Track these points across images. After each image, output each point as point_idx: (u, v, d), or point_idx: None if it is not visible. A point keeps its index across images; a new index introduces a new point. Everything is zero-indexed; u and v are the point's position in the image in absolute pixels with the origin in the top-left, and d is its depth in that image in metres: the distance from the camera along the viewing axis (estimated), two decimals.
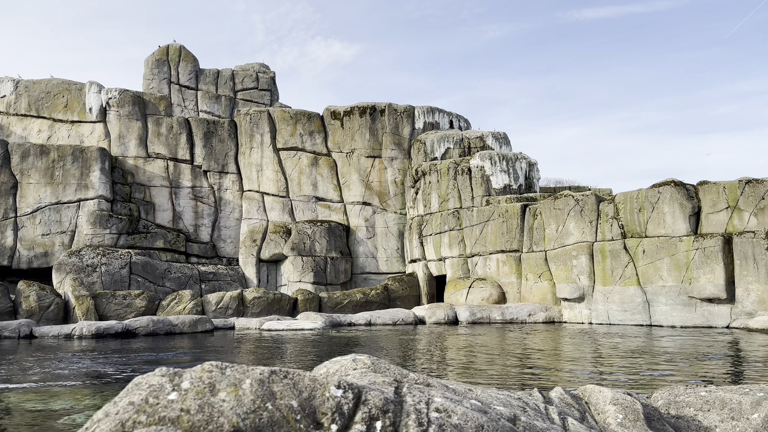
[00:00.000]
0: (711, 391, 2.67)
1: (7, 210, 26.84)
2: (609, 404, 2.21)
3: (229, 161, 29.49)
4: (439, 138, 25.63)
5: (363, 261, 27.37)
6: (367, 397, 1.21)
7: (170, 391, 1.15)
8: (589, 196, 18.42)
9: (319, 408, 1.15)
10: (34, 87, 31.45)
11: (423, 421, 1.19)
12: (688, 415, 2.45)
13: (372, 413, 1.18)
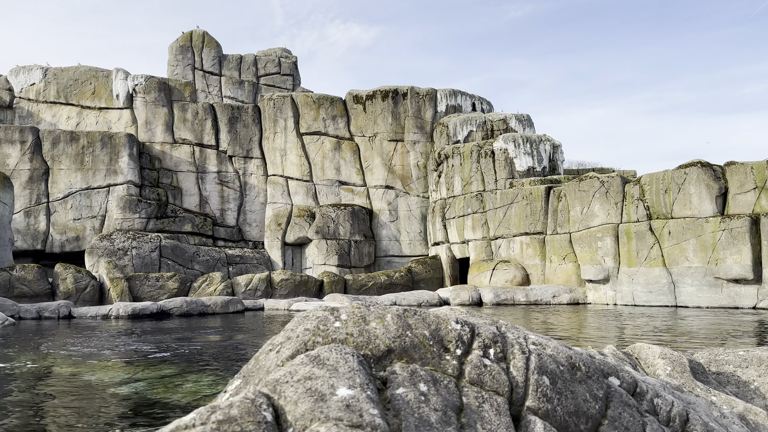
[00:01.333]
0: (748, 350, 2.90)
1: (39, 195, 27.56)
2: (658, 358, 2.45)
3: (254, 146, 29.85)
4: (461, 121, 25.67)
5: (386, 244, 27.66)
6: (480, 331, 1.49)
7: (334, 321, 1.42)
8: (615, 177, 18.42)
9: (445, 337, 1.43)
10: (62, 74, 32.01)
11: (525, 350, 1.47)
12: (728, 371, 2.68)
13: (485, 342, 1.46)
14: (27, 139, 27.93)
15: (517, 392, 1.45)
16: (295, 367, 1.23)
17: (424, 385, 1.30)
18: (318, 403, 1.12)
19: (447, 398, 1.30)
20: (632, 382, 1.75)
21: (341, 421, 1.08)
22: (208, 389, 6.10)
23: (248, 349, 9.35)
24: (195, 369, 7.40)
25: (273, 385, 1.18)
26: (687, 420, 1.81)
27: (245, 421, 1.05)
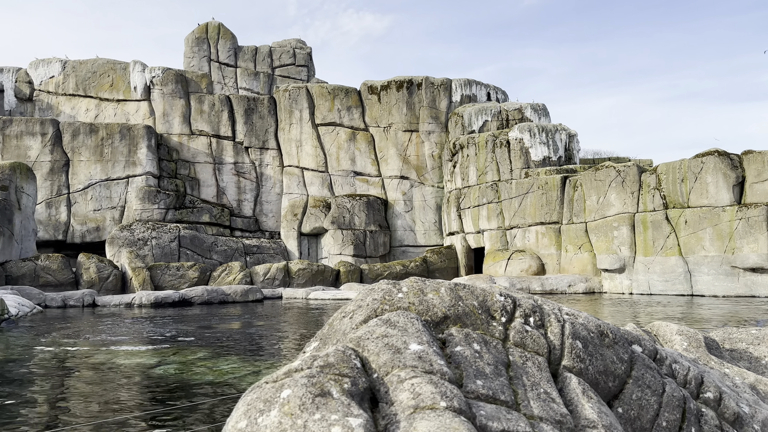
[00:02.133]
0: (760, 329, 3.08)
1: (60, 187, 28.07)
2: (675, 335, 2.65)
3: (270, 137, 30.10)
4: (476, 111, 25.72)
5: (401, 234, 27.86)
6: (521, 303, 1.71)
7: (397, 292, 1.64)
8: (631, 167, 18.44)
9: (491, 307, 1.64)
10: (80, 67, 32.40)
11: (560, 319, 1.69)
12: (741, 348, 2.88)
13: (526, 312, 1.68)
14: (47, 132, 28.39)
15: (555, 353, 1.67)
16: (372, 328, 1.45)
17: (477, 345, 1.52)
18: (395, 354, 1.34)
19: (497, 356, 1.52)
20: (653, 349, 1.96)
21: (416, 368, 1.30)
22: (238, 371, 6.38)
23: (269, 335, 9.64)
24: (222, 353, 7.68)
25: (357, 342, 1.40)
26: (702, 383, 2.01)
27: (341, 366, 1.27)
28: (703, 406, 1.91)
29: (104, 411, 4.52)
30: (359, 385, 1.27)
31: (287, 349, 8.17)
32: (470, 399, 1.29)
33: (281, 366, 6.86)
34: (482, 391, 1.37)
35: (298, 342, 8.70)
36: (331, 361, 1.29)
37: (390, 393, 1.28)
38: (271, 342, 8.83)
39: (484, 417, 1.26)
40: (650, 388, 1.76)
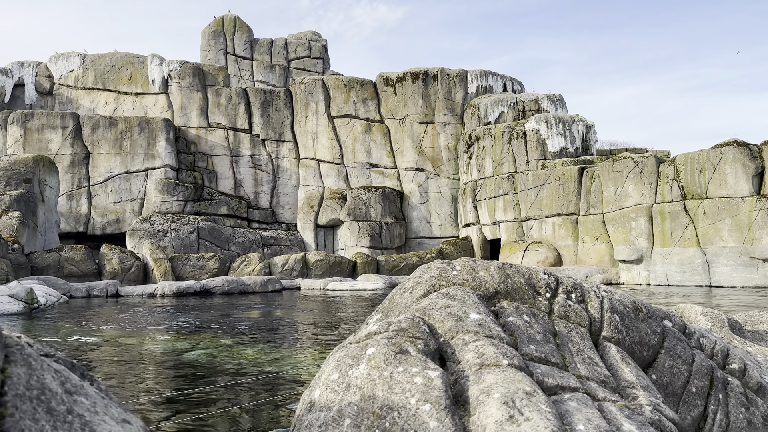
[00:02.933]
0: None
1: (81, 179, 28.52)
2: (700, 316, 2.80)
3: (286, 130, 30.32)
4: (492, 102, 25.71)
5: (417, 226, 27.99)
6: (563, 281, 1.88)
7: (451, 270, 1.81)
8: (649, 157, 18.40)
9: (537, 284, 1.81)
10: (99, 61, 32.76)
11: (599, 296, 1.85)
12: (763, 330, 3.03)
13: (568, 288, 1.84)
14: (68, 125, 28.79)
15: (595, 325, 1.84)
16: (434, 300, 1.62)
17: (526, 316, 1.69)
18: (458, 322, 1.51)
19: (544, 326, 1.69)
20: (682, 325, 2.11)
21: (478, 333, 1.46)
22: (265, 355, 6.61)
23: (293, 323, 9.87)
24: (248, 340, 7.92)
25: (422, 311, 1.57)
26: (727, 355, 2.16)
27: (413, 330, 1.44)
28: (728, 376, 2.06)
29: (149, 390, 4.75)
30: (430, 346, 1.44)
31: (313, 336, 8.38)
32: (525, 360, 1.45)
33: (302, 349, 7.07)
34: (535, 353, 1.54)
35: (323, 330, 8.92)
36: (404, 326, 1.46)
37: (456, 353, 1.45)
38: (295, 330, 9.06)
39: (540, 374, 1.42)
40: (681, 358, 1.92)
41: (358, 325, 9.39)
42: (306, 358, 6.39)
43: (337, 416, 1.25)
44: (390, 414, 1.21)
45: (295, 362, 6.14)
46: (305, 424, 1.29)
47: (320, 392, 1.35)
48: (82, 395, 0.86)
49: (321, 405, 1.30)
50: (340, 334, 8.28)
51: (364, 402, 1.24)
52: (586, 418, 1.27)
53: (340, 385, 1.32)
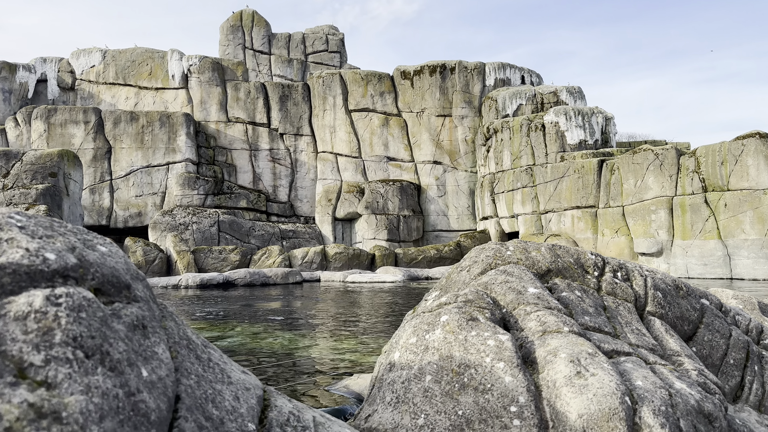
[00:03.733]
0: None
1: (103, 173, 28.98)
2: (731, 299, 2.92)
3: (304, 124, 30.51)
4: (510, 94, 25.66)
5: (434, 219, 28.07)
6: (609, 261, 2.02)
7: (505, 251, 1.96)
8: (669, 150, 18.31)
9: (585, 263, 1.95)
10: (120, 56, 33.16)
11: (642, 274, 1.99)
12: None
13: (614, 268, 1.98)
14: (90, 120, 29.22)
15: (640, 301, 1.97)
16: (494, 276, 1.77)
17: (578, 292, 1.82)
18: (518, 295, 1.65)
19: (595, 300, 1.82)
20: (719, 303, 2.23)
21: (537, 305, 1.61)
22: (295, 342, 6.80)
23: (316, 313, 10.07)
24: (276, 328, 8.13)
25: (484, 286, 1.71)
26: (762, 331, 2.28)
27: (479, 301, 1.59)
28: (763, 350, 2.18)
29: None
30: (496, 315, 1.58)
31: (342, 326, 8.56)
32: (582, 329, 1.59)
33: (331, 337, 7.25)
34: (590, 323, 1.67)
35: (349, 319, 9.10)
36: (471, 298, 1.60)
37: (519, 322, 1.59)
38: (322, 320, 9.25)
39: (597, 341, 1.56)
40: (719, 332, 2.04)
41: (384, 316, 9.55)
42: (338, 345, 6.57)
43: (418, 373, 1.40)
44: (467, 371, 1.36)
45: (328, 347, 6.32)
46: (387, 382, 1.44)
47: (400, 354, 1.50)
48: (211, 348, 1.00)
49: (402, 365, 1.45)
50: (367, 323, 8.45)
51: (442, 361, 1.39)
52: (642, 376, 1.40)
53: (418, 348, 1.47)
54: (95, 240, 1.02)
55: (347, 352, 6.02)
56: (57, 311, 0.78)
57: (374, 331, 7.64)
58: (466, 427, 1.25)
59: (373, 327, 8.04)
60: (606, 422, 1.21)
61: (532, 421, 1.26)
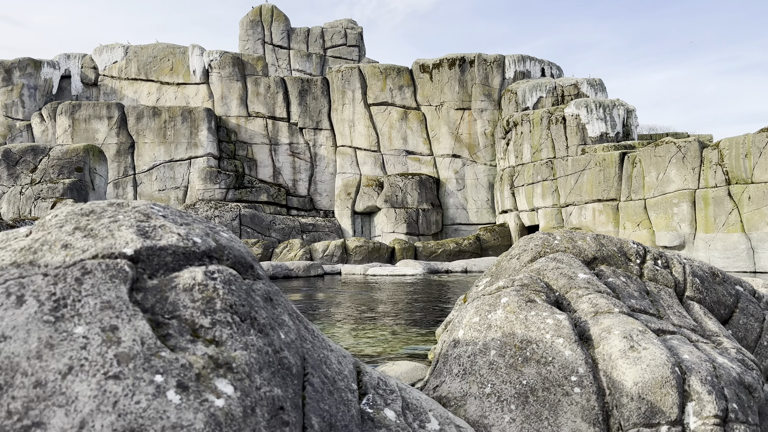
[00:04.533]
0: None
1: (126, 168, 29.48)
2: (761, 287, 3.05)
3: (323, 118, 30.69)
4: (531, 87, 25.57)
5: (453, 212, 28.12)
6: (649, 249, 2.16)
7: (552, 240, 2.10)
8: (692, 142, 18.17)
9: (627, 252, 2.08)
10: (141, 52, 33.58)
11: (681, 262, 2.12)
12: None
13: (654, 256, 2.12)
14: (113, 115, 29.69)
15: (679, 287, 2.09)
16: (545, 263, 1.91)
17: (623, 278, 1.96)
18: (569, 280, 1.80)
19: (638, 285, 1.96)
20: (752, 289, 2.35)
21: (587, 289, 1.75)
22: (324, 332, 6.99)
23: (340, 304, 10.26)
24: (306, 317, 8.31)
25: (537, 272, 1.86)
26: None
27: (534, 285, 1.74)
28: None
29: None
30: (550, 297, 1.73)
31: (368, 316, 8.74)
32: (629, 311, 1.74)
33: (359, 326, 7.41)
34: (636, 306, 1.81)
35: (374, 310, 9.27)
36: (526, 282, 1.75)
37: (572, 304, 1.74)
38: (348, 310, 9.44)
39: (644, 321, 1.69)
40: (753, 316, 2.16)
41: (409, 307, 9.69)
42: (368, 335, 6.73)
43: (483, 348, 1.55)
44: (529, 346, 1.51)
45: (358, 337, 6.49)
46: (453, 357, 1.60)
47: (464, 332, 1.65)
48: (308, 321, 1.15)
49: (466, 341, 1.60)
50: (394, 314, 8.62)
51: (505, 337, 1.54)
52: (688, 351, 1.53)
53: (481, 326, 1.61)
54: (217, 228, 1.18)
55: (378, 342, 6.18)
56: (215, 284, 0.94)
57: (402, 321, 7.81)
58: (530, 394, 1.40)
59: (401, 318, 8.21)
60: (659, 389, 1.35)
61: (591, 388, 1.41)
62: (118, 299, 0.86)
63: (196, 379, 0.81)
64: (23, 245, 0.95)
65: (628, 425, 1.36)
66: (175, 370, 0.81)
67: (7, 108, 30.38)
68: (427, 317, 8.24)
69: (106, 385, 0.77)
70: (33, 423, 0.73)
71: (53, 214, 1.08)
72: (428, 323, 7.58)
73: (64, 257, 0.90)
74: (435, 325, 7.18)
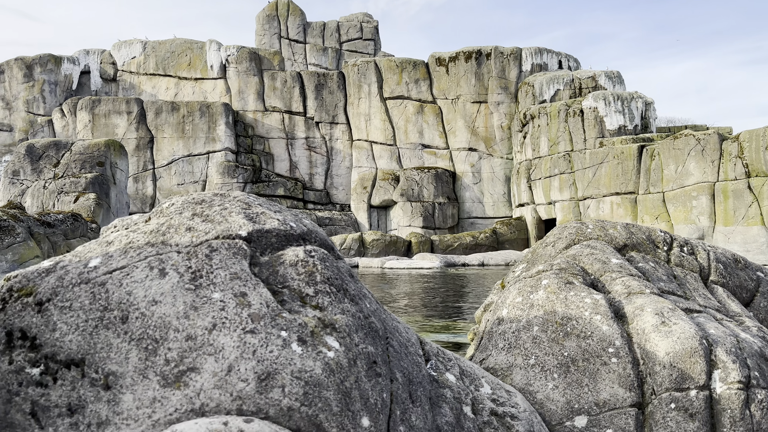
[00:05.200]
0: None
1: (146, 162, 29.84)
2: None
3: (339, 112, 30.80)
4: (548, 79, 25.49)
5: (469, 206, 28.15)
6: (675, 237, 2.31)
7: (585, 228, 2.26)
8: (712, 135, 18.07)
9: (655, 239, 2.23)
10: (159, 47, 33.89)
11: (705, 249, 2.26)
12: None
13: (680, 243, 2.27)
14: (133, 110, 30.04)
15: (704, 272, 2.24)
16: (580, 249, 2.07)
17: (651, 263, 2.11)
18: (603, 264, 1.95)
19: (666, 270, 2.11)
20: None
21: (621, 272, 1.90)
22: None
23: None
24: None
25: (572, 257, 2.01)
26: None
27: (571, 269, 1.90)
28: None
29: None
30: (587, 280, 1.88)
31: (391, 306, 8.90)
32: None
33: None
34: (665, 288, 1.96)
35: (396, 301, 9.43)
36: (564, 266, 1.91)
37: (606, 286, 1.90)
38: None
39: (672, 301, 1.84)
40: None
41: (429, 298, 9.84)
42: None
43: (526, 325, 1.72)
44: (569, 322, 1.67)
45: None
46: (498, 333, 1.77)
47: (507, 311, 1.82)
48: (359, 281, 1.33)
49: (510, 319, 1.77)
50: (417, 305, 8.78)
51: (546, 315, 1.71)
52: (714, 327, 1.69)
53: (524, 305, 1.78)
54: (300, 215, 1.35)
55: None
56: (313, 261, 1.11)
57: (424, 313, 7.97)
58: (571, 364, 1.57)
59: (422, 309, 8.37)
60: (689, 358, 1.52)
61: (626, 359, 1.57)
62: (242, 271, 1.04)
63: (311, 336, 0.99)
64: (152, 228, 1.14)
65: (660, 390, 1.54)
66: (295, 327, 0.99)
67: (29, 104, 30.91)
68: (448, 309, 8.40)
69: (245, 338, 0.96)
70: (188, 368, 0.91)
71: (170, 203, 1.27)
72: (450, 314, 7.74)
73: (190, 238, 1.09)
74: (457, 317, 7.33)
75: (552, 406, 1.60)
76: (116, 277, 1.04)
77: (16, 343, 0.96)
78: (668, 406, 1.58)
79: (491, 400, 1.40)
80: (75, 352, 0.96)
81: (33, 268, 1.07)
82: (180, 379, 0.94)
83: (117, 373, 0.94)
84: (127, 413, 0.90)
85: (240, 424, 0.85)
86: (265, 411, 0.93)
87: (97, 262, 1.08)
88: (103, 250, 1.13)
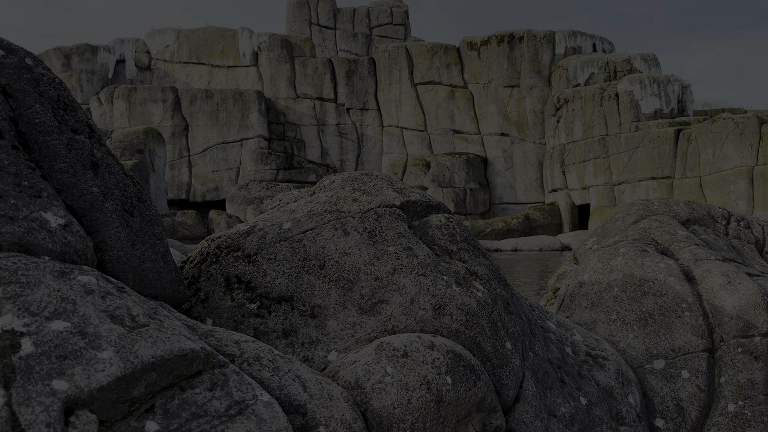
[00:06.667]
0: None
1: (181, 150, 30.43)
2: None
3: (369, 98, 30.89)
4: (582, 63, 25.22)
5: (501, 191, 28.08)
6: (732, 212, 2.54)
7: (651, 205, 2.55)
8: (751, 118, 17.78)
9: (714, 215, 2.47)
10: (192, 36, 34.29)
11: (760, 223, 2.55)
12: None
13: (737, 218, 2.50)
14: (168, 98, 30.56)
15: (759, 243, 2.47)
16: (648, 223, 2.32)
17: (713, 235, 2.35)
18: (671, 236, 2.20)
19: (726, 241, 2.35)
20: None
21: (687, 242, 2.15)
22: None
23: None
24: None
25: (642, 230, 2.26)
26: None
27: (643, 239, 2.15)
28: None
29: None
30: (658, 248, 2.13)
31: None
32: None
33: None
34: (726, 256, 2.20)
35: None
36: (637, 237, 2.16)
37: (675, 254, 2.15)
38: None
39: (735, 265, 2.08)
40: None
41: None
42: None
43: (607, 286, 1.98)
44: (646, 283, 1.93)
45: None
46: (580, 294, 2.03)
47: (589, 275, 2.08)
48: None
49: (591, 282, 2.04)
50: None
51: (625, 278, 1.96)
52: None
53: (604, 270, 2.05)
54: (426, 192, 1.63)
55: None
56: (453, 225, 1.40)
57: None
58: (648, 318, 1.83)
59: None
60: (753, 310, 1.77)
61: (698, 312, 1.83)
62: (405, 231, 1.33)
63: (464, 280, 1.27)
64: (325, 199, 1.44)
65: (728, 337, 1.79)
66: (451, 273, 1.28)
67: None
68: None
69: (419, 279, 1.24)
70: (379, 300, 1.21)
71: (329, 180, 1.56)
72: None
73: (359, 206, 1.38)
74: None
75: (633, 352, 1.88)
76: (309, 236, 1.36)
77: (233, 285, 1.28)
78: (735, 350, 1.84)
79: (585, 344, 1.69)
80: (284, 291, 1.28)
81: (233, 231, 1.39)
82: (374, 308, 1.25)
83: (321, 306, 1.25)
84: (333, 334, 1.22)
85: (430, 337, 1.15)
86: (441, 332, 1.23)
87: (290, 225, 1.40)
88: (290, 216, 1.45)
